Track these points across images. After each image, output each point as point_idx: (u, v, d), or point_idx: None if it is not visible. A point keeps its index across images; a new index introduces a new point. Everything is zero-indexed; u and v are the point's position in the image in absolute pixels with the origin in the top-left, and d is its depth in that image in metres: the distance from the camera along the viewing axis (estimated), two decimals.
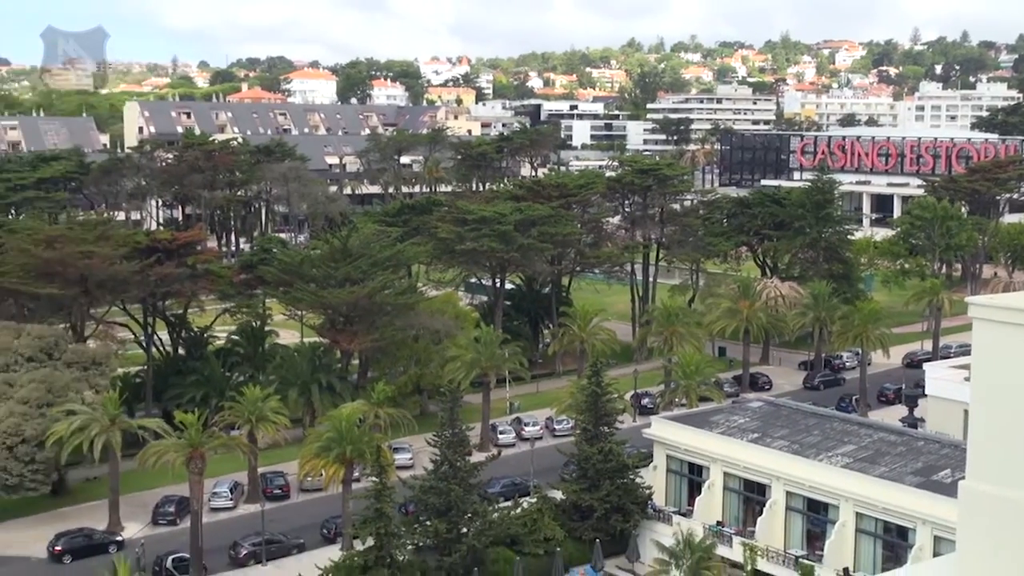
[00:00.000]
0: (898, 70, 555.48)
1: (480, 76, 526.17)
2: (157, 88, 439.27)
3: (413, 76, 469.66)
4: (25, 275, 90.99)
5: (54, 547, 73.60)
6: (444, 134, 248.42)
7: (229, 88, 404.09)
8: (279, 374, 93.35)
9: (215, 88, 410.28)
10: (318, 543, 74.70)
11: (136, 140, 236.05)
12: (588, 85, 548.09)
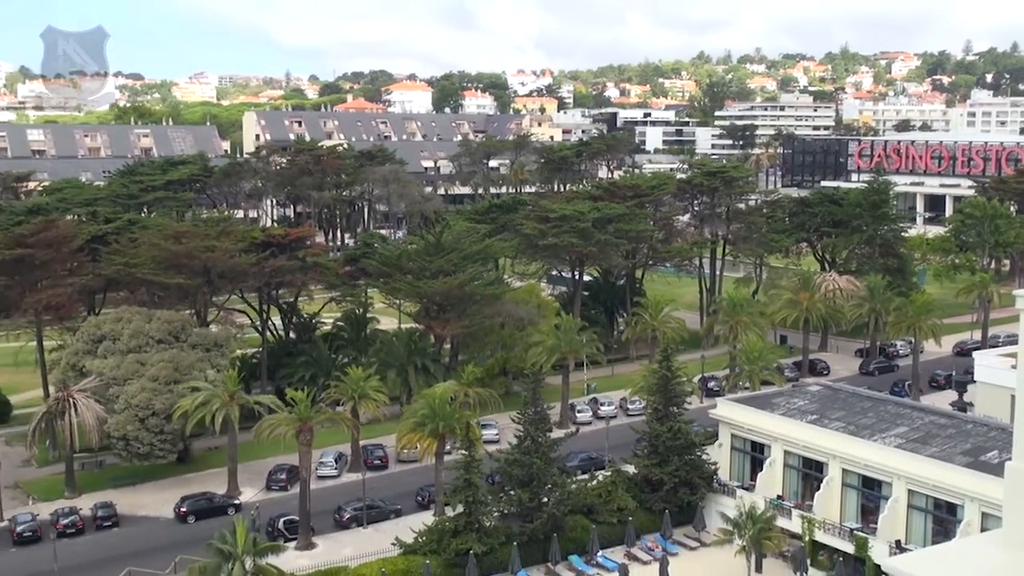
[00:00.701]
0: (951, 79, 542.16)
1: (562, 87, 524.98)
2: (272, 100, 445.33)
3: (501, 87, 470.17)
4: (156, 267, 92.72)
5: (180, 509, 75.32)
6: (529, 140, 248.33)
7: (336, 99, 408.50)
8: (379, 356, 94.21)
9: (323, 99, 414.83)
10: (413, 509, 75.29)
11: (253, 146, 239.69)
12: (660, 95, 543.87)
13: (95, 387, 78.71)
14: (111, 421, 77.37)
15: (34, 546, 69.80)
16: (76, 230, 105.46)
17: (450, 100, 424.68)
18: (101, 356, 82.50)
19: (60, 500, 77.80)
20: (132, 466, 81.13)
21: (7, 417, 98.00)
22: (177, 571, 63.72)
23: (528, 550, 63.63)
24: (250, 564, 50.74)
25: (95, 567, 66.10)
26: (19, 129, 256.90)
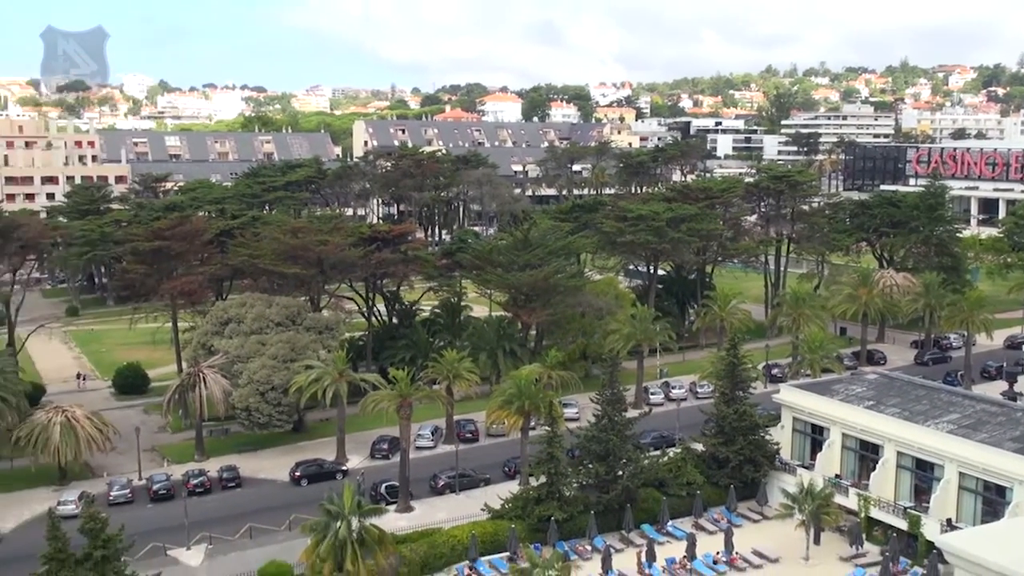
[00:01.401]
0: (1006, 90, 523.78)
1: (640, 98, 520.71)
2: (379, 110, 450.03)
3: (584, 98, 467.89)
4: (275, 258, 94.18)
5: (294, 473, 76.50)
6: (609, 146, 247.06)
7: (436, 109, 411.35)
8: (472, 341, 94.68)
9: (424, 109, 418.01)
10: (500, 478, 75.41)
11: (362, 151, 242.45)
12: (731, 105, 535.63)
13: (222, 364, 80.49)
14: (235, 394, 79.05)
15: (168, 503, 71.48)
16: (207, 225, 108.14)
17: (538, 110, 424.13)
18: (227, 336, 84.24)
19: (190, 463, 79.64)
20: (253, 434, 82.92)
21: (145, 389, 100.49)
22: (291, 528, 64.65)
23: (604, 518, 63.49)
24: (355, 524, 51.37)
25: (220, 523, 67.37)
26: (158, 136, 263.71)
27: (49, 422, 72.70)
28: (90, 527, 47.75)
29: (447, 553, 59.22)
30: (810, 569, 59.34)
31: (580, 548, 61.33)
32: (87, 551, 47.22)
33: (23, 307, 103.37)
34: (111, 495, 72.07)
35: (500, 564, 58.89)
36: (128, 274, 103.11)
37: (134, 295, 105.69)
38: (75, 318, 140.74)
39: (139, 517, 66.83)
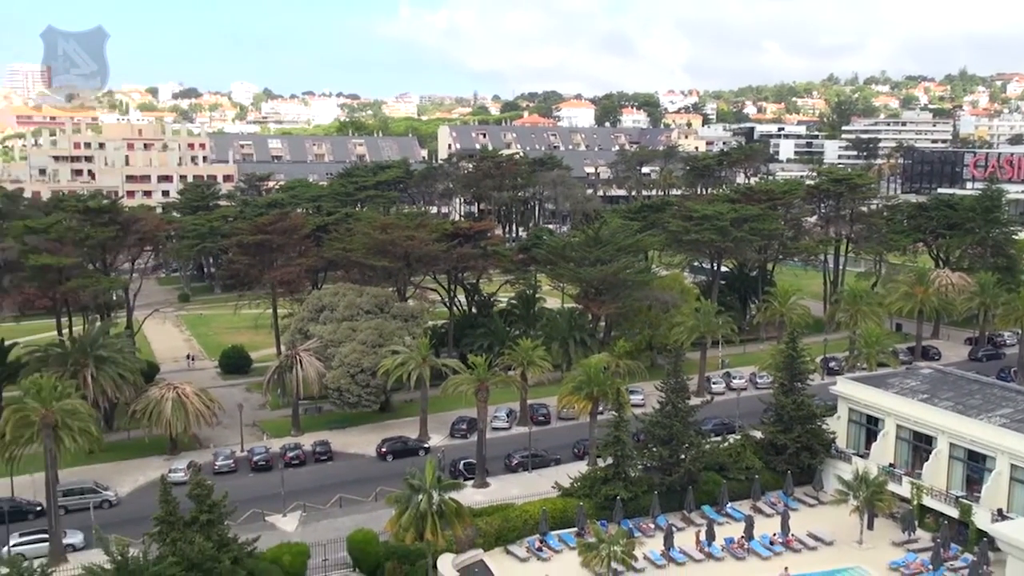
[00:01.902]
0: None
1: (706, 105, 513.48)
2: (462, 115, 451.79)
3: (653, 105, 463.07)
4: (366, 251, 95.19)
5: (381, 449, 77.31)
6: (676, 150, 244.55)
7: (514, 115, 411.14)
8: (545, 330, 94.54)
9: (504, 115, 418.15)
10: (570, 459, 75.36)
11: (446, 154, 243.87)
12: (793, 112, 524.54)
13: (316, 347, 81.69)
14: (328, 375, 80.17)
15: (266, 473, 72.91)
16: (305, 221, 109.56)
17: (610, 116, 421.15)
18: (322, 323, 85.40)
19: (287, 437, 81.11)
20: (344, 412, 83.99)
21: (248, 369, 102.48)
22: (377, 499, 65.43)
23: (667, 499, 62.93)
24: (436, 497, 51.71)
25: (313, 492, 68.57)
26: (262, 139, 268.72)
27: (162, 398, 74.57)
28: (197, 493, 48.95)
29: (520, 527, 59.32)
30: (863, 552, 58.05)
31: (644, 526, 60.92)
32: (194, 515, 48.42)
33: (140, 293, 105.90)
34: (216, 465, 73.73)
35: (569, 539, 58.81)
36: (233, 265, 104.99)
37: (239, 284, 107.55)
38: (186, 304, 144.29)
39: (241, 485, 68.31)
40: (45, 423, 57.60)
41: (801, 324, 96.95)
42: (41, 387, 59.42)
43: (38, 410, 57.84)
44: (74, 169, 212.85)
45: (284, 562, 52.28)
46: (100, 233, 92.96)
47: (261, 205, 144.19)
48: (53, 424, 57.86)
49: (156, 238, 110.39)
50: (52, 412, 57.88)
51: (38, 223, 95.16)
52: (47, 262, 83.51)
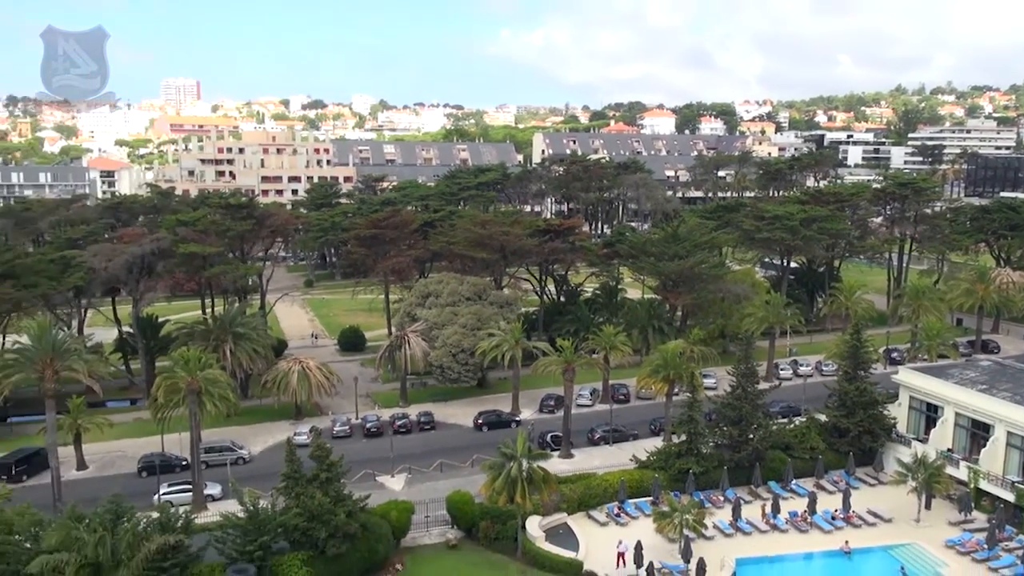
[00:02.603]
0: None
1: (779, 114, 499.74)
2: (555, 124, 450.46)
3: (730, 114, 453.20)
4: (467, 245, 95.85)
5: (477, 420, 77.94)
6: (750, 155, 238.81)
7: (601, 123, 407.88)
8: (626, 318, 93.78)
9: (592, 124, 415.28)
10: (647, 434, 74.67)
11: (539, 158, 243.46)
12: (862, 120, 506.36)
13: (422, 329, 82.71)
14: (432, 354, 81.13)
15: (377, 439, 74.19)
16: (414, 217, 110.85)
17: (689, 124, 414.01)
18: (427, 307, 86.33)
19: (396, 408, 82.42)
20: (445, 387, 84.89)
21: (362, 347, 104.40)
22: (473, 465, 66.01)
23: (735, 474, 61.82)
24: (525, 465, 51.94)
25: (418, 457, 69.58)
26: (378, 145, 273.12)
27: (289, 370, 76.64)
28: (318, 454, 50.22)
29: (600, 494, 59.15)
30: (921, 530, 55.99)
31: (714, 498, 60.03)
32: (315, 472, 49.68)
33: (271, 279, 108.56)
34: (334, 430, 75.45)
35: (644, 506, 58.36)
36: (352, 255, 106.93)
37: (356, 272, 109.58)
38: (310, 289, 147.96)
39: (355, 449, 69.69)
40: (191, 389, 59.81)
41: (865, 317, 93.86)
42: (188, 358, 61.57)
43: (185, 378, 60.01)
44: (218, 171, 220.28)
45: (391, 517, 53.29)
46: (239, 226, 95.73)
47: (376, 203, 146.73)
48: (197, 390, 59.99)
49: (286, 231, 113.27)
50: (197, 380, 59.97)
51: (187, 217, 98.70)
52: (194, 250, 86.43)
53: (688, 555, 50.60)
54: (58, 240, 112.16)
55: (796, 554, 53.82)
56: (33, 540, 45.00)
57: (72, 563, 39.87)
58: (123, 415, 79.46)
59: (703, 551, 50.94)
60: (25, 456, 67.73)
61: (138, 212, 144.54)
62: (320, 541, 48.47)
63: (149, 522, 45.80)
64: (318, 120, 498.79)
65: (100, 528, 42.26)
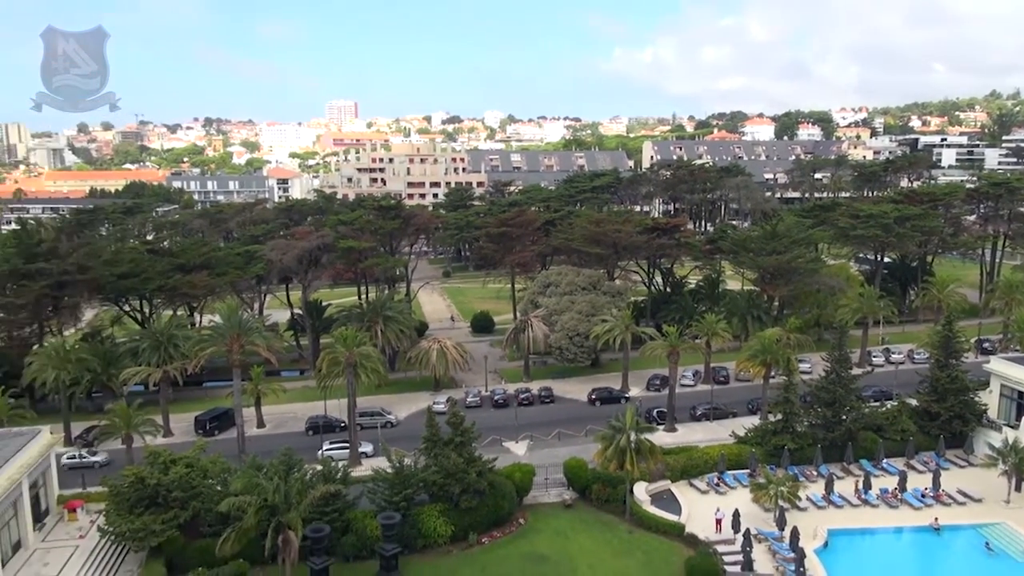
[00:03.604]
0: None
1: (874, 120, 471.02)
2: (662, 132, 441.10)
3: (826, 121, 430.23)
4: (583, 241, 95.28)
5: (591, 396, 77.52)
6: (846, 159, 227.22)
7: (705, 131, 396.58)
8: (726, 307, 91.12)
9: (697, 132, 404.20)
10: (745, 413, 72.45)
11: (648, 164, 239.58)
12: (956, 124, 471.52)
13: (543, 315, 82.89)
14: (552, 337, 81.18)
15: (503, 409, 74.99)
16: (537, 217, 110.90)
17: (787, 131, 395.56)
18: (548, 296, 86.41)
19: (519, 383, 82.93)
20: (563, 366, 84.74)
21: (492, 329, 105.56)
22: (587, 435, 65.78)
23: (828, 452, 59.12)
24: (633, 436, 51.37)
25: (538, 426, 69.93)
26: (506, 154, 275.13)
27: (429, 348, 78.39)
28: (453, 421, 51.22)
29: (701, 465, 57.79)
30: (1010, 511, 51.92)
31: (807, 473, 57.56)
32: (451, 437, 50.70)
33: (415, 270, 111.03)
34: (467, 401, 76.63)
35: (742, 478, 56.63)
36: (483, 250, 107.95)
37: (486, 264, 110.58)
38: (447, 279, 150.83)
39: (484, 417, 70.69)
40: (348, 363, 62.08)
41: (958, 309, 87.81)
42: (346, 336, 63.90)
43: (344, 353, 62.31)
44: (371, 177, 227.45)
45: (515, 478, 53.78)
46: (389, 225, 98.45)
47: (504, 205, 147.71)
48: (354, 364, 62.20)
49: (428, 229, 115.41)
50: (353, 355, 62.20)
51: (346, 217, 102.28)
52: (352, 245, 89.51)
53: (782, 523, 48.80)
54: (243, 237, 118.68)
55: (886, 528, 50.98)
56: (223, 484, 47.99)
57: (253, 504, 42.15)
58: (293, 383, 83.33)
59: (796, 521, 49.03)
60: (217, 415, 72.17)
61: (307, 213, 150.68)
62: (454, 496, 49.45)
63: (314, 473, 47.97)
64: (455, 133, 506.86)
65: (276, 476, 44.53)
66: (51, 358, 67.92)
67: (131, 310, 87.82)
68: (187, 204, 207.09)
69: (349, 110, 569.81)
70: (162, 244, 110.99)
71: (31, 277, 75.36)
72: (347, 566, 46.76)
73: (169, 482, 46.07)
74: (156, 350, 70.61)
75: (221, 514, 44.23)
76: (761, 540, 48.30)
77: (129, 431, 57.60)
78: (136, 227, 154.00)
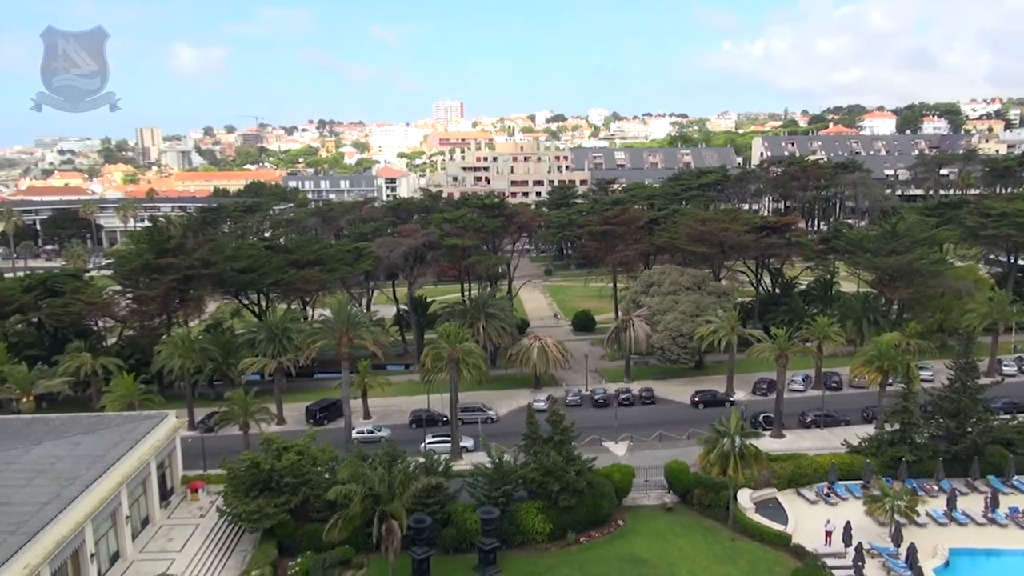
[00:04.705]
0: None
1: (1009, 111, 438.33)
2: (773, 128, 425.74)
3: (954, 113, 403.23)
4: (687, 240, 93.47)
5: (694, 398, 76.03)
6: (976, 153, 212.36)
7: (820, 126, 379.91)
8: (840, 310, 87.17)
9: (811, 127, 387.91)
10: (858, 421, 69.15)
11: (758, 160, 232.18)
12: None
13: (645, 315, 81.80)
14: (654, 337, 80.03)
15: (603, 409, 74.53)
16: (640, 215, 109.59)
17: (910, 125, 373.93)
18: (650, 295, 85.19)
19: (620, 383, 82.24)
20: (665, 367, 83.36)
21: (593, 328, 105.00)
22: (689, 438, 64.51)
23: (951, 466, 55.55)
24: (738, 441, 49.96)
25: (638, 427, 69.14)
26: (610, 152, 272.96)
27: (530, 346, 78.81)
28: (553, 419, 51.30)
29: (810, 474, 55.57)
30: None
31: (927, 487, 54.28)
32: (550, 435, 50.78)
33: (517, 268, 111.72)
34: (567, 399, 76.56)
35: (855, 489, 54.05)
36: (585, 248, 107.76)
37: (588, 262, 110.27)
38: (549, 277, 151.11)
39: (584, 416, 70.46)
40: (451, 358, 63.22)
41: None
42: (449, 333, 65.10)
43: (447, 349, 63.50)
44: (475, 176, 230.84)
45: (615, 478, 53.34)
46: (492, 223, 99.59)
47: (607, 203, 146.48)
48: (456, 359, 63.28)
49: (530, 227, 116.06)
50: (456, 350, 63.28)
51: (451, 215, 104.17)
52: (456, 243, 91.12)
53: (898, 539, 46.25)
54: (353, 234, 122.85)
55: (1015, 550, 47.36)
56: (331, 472, 49.89)
57: (358, 493, 43.61)
58: (398, 376, 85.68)
59: (914, 537, 46.33)
60: (326, 405, 75.11)
61: (413, 211, 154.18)
62: (553, 493, 49.53)
63: (417, 465, 49.14)
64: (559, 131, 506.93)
65: (380, 467, 45.92)
66: (177, 347, 72.53)
67: (249, 303, 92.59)
68: (301, 203, 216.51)
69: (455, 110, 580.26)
70: (278, 241, 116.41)
71: (161, 271, 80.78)
72: (447, 558, 47.67)
73: (281, 468, 48.32)
74: (272, 342, 74.17)
75: (329, 501, 45.98)
76: (874, 555, 45.95)
77: (246, 418, 60.76)
78: (255, 225, 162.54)
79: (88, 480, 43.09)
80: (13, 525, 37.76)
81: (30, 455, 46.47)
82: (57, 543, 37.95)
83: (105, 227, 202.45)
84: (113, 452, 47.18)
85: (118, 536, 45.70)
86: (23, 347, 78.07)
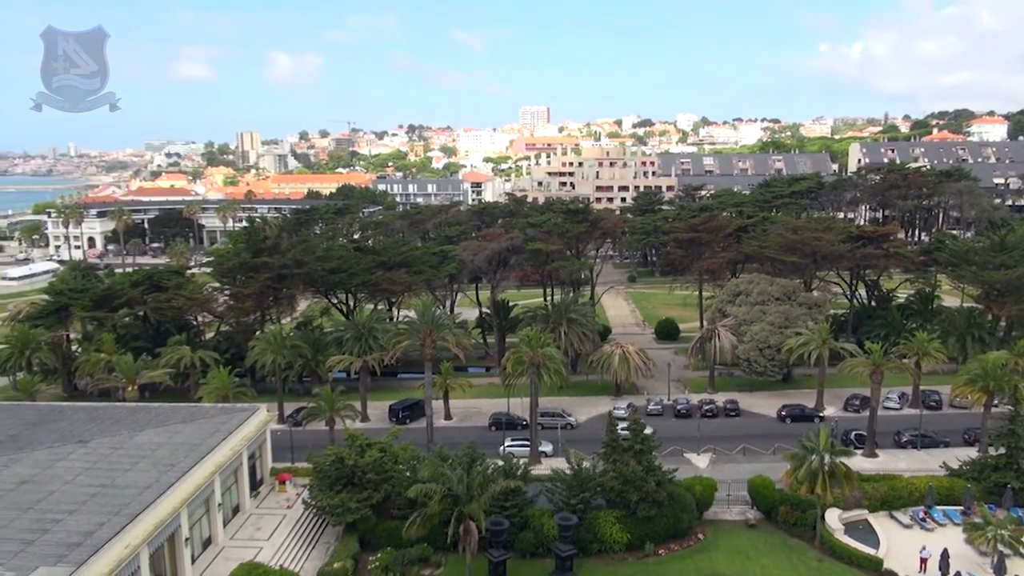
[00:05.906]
0: None
1: None
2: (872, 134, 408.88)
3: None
4: (778, 249, 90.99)
5: (780, 412, 73.85)
6: None
7: (923, 132, 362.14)
8: (942, 326, 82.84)
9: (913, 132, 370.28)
10: (959, 443, 65.59)
11: (855, 167, 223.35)
12: None
13: (732, 325, 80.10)
14: (740, 348, 78.26)
15: (685, 420, 73.39)
16: (728, 222, 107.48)
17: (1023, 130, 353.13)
18: (737, 305, 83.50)
19: (704, 393, 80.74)
20: (751, 379, 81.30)
21: (676, 337, 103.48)
22: (775, 453, 62.73)
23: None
24: (827, 459, 48.15)
25: (722, 440, 67.65)
26: (698, 158, 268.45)
27: (612, 352, 78.23)
28: (634, 428, 50.73)
29: (905, 496, 53.05)
30: None
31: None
32: (631, 444, 50.25)
33: (600, 274, 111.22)
34: (648, 408, 75.74)
35: (954, 515, 51.28)
36: (670, 255, 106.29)
37: (673, 270, 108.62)
38: (632, 283, 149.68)
39: (665, 426, 69.61)
40: (532, 363, 63.42)
41: None
42: (531, 337, 65.36)
43: (528, 353, 63.74)
44: (560, 181, 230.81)
45: (696, 491, 52.31)
46: (576, 228, 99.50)
47: (694, 209, 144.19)
48: (537, 364, 63.45)
49: (614, 233, 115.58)
50: (537, 355, 63.45)
51: (535, 220, 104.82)
52: (539, 247, 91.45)
53: (1001, 570, 43.56)
54: (439, 237, 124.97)
55: None
56: (412, 470, 50.83)
57: (438, 492, 44.24)
58: (479, 379, 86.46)
59: (1019, 569, 43.56)
60: (409, 405, 76.56)
61: (498, 215, 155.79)
62: (632, 503, 48.99)
63: (496, 468, 49.46)
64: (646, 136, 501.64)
65: (460, 468, 46.47)
66: (270, 343, 75.40)
67: (338, 303, 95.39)
68: (390, 206, 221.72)
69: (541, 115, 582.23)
70: (367, 243, 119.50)
71: (257, 270, 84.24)
72: (524, 562, 47.77)
73: (365, 464, 49.54)
74: (358, 341, 76.18)
75: (409, 499, 46.83)
76: None
77: (332, 414, 62.60)
78: (345, 226, 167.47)
79: (185, 467, 45.30)
80: (116, 506, 40.05)
81: (133, 441, 49.22)
82: (156, 526, 40.01)
83: (206, 227, 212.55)
84: (208, 442, 49.45)
85: (211, 522, 47.84)
86: (129, 339, 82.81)
